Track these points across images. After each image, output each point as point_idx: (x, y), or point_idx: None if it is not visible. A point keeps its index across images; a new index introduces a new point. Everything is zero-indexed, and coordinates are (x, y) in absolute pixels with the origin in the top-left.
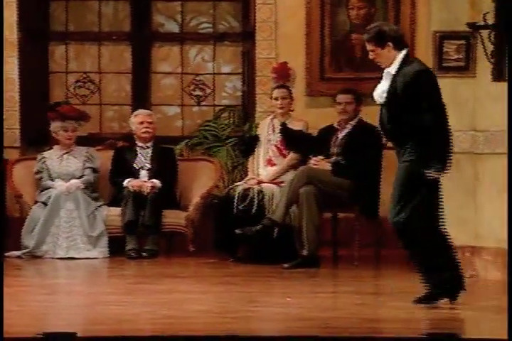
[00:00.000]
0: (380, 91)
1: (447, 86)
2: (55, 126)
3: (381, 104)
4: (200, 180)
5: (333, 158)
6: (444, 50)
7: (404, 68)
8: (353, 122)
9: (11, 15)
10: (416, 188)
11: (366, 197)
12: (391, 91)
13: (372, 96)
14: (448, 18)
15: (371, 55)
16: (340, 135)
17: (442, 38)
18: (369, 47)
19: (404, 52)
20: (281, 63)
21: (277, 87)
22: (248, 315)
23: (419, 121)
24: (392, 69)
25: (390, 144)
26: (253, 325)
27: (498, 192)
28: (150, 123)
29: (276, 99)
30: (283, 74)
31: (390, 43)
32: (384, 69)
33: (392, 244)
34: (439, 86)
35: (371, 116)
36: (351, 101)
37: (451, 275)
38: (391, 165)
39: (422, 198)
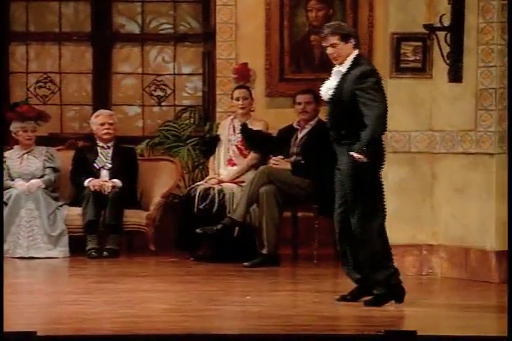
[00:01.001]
0: (327, 88)
1: (404, 87)
2: (14, 126)
3: (326, 101)
4: (161, 179)
5: (293, 158)
6: (402, 51)
7: (356, 68)
8: (312, 122)
9: None
10: (364, 187)
11: (325, 196)
12: (339, 89)
13: None
14: (405, 20)
15: (330, 50)
16: (300, 135)
17: (399, 39)
18: (331, 40)
19: (356, 52)
20: (241, 64)
21: (238, 88)
22: (208, 314)
23: (361, 117)
24: (343, 68)
25: None
26: (213, 323)
27: (455, 191)
28: (111, 124)
29: (237, 99)
30: (244, 75)
31: (352, 40)
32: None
33: None
34: (382, 86)
35: None
36: (311, 101)
37: (396, 276)
38: None
39: (370, 197)
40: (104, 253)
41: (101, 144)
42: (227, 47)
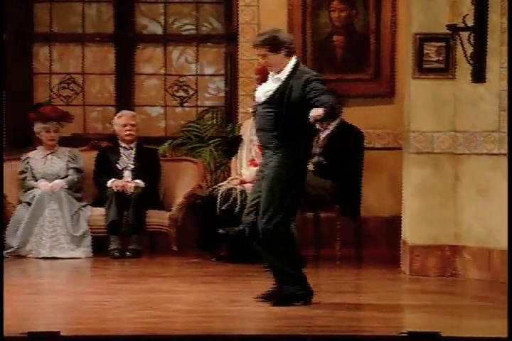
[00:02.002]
0: (264, 90)
1: (427, 87)
2: (37, 127)
3: (260, 103)
4: (184, 180)
5: (315, 159)
6: (425, 51)
7: (297, 73)
8: (334, 123)
9: None
10: (287, 192)
11: (347, 197)
12: (280, 93)
13: (352, 97)
14: (428, 20)
15: (261, 59)
16: (322, 135)
17: (422, 40)
18: (261, 51)
19: (294, 59)
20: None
21: None
22: (230, 314)
23: (293, 122)
24: (283, 75)
25: (371, 145)
26: (235, 323)
27: (478, 192)
28: (133, 125)
29: None
30: (266, 76)
31: (283, 49)
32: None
33: (373, 243)
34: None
35: (353, 117)
36: None
37: (304, 280)
38: (372, 166)
39: (290, 202)
40: (127, 253)
41: (123, 145)
42: (250, 48)
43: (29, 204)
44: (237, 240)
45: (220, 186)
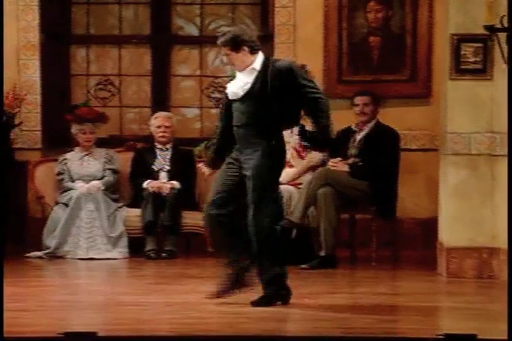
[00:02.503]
0: (239, 86)
1: (464, 88)
2: (74, 128)
3: (238, 98)
4: None
5: (351, 160)
6: (462, 52)
7: (272, 63)
8: (370, 124)
9: (33, 18)
10: (275, 188)
11: (383, 198)
12: (259, 83)
13: (388, 98)
14: (465, 21)
15: (227, 59)
16: (358, 137)
17: (460, 40)
18: (224, 50)
19: (261, 54)
20: (299, 65)
21: None
22: (266, 316)
23: (275, 114)
24: (256, 66)
25: (407, 146)
26: (271, 325)
27: None
28: (167, 127)
29: None
30: None
31: (245, 48)
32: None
33: (409, 244)
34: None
35: (389, 118)
36: (368, 103)
37: (284, 278)
38: (408, 167)
39: (269, 199)
40: (163, 254)
41: (159, 146)
42: (285, 49)
43: (66, 205)
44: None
45: None
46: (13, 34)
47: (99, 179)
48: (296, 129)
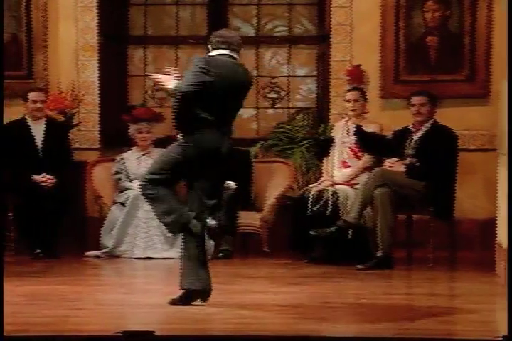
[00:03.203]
0: None
1: None
2: (131, 128)
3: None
4: (275, 181)
5: (408, 160)
6: None
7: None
8: (427, 124)
9: (91, 19)
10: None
11: (441, 199)
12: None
13: (446, 98)
14: None
15: None
16: (415, 137)
17: None
18: None
19: (211, 52)
20: (354, 66)
21: (350, 90)
22: (322, 316)
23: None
24: None
25: (465, 146)
26: (327, 325)
27: None
28: None
29: (348, 101)
30: (356, 77)
31: (210, 46)
32: None
33: (467, 245)
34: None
35: (447, 118)
36: (425, 103)
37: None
38: (466, 167)
39: None
40: (219, 254)
41: None
42: (342, 49)
43: (123, 205)
44: (329, 241)
45: (311, 187)
46: (72, 35)
47: None
48: (352, 129)
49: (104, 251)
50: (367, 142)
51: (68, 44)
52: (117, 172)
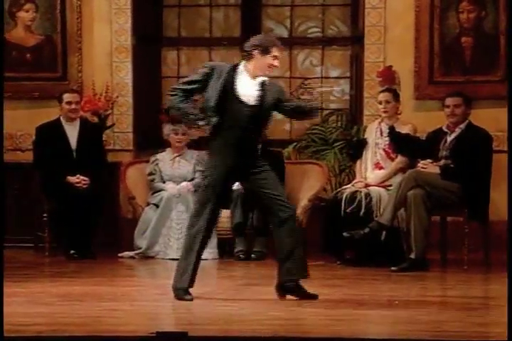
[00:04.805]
0: (254, 94)
1: None
2: (166, 129)
3: (250, 105)
4: (308, 182)
5: (442, 162)
6: None
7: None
8: (462, 125)
9: (125, 21)
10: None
11: (476, 200)
12: (263, 96)
13: (480, 99)
14: None
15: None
16: (449, 138)
17: None
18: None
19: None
20: (385, 67)
21: (382, 91)
22: (356, 318)
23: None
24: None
25: (500, 148)
26: (361, 327)
27: None
28: None
29: (380, 102)
30: (388, 78)
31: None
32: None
33: (502, 247)
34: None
35: (481, 119)
36: (460, 104)
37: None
38: (502, 169)
39: None
40: (252, 255)
41: None
42: (376, 50)
43: (157, 206)
44: (363, 243)
45: (344, 189)
46: (106, 37)
47: (189, 180)
48: (386, 130)
49: (138, 251)
50: (400, 143)
51: (102, 46)
52: (151, 173)
